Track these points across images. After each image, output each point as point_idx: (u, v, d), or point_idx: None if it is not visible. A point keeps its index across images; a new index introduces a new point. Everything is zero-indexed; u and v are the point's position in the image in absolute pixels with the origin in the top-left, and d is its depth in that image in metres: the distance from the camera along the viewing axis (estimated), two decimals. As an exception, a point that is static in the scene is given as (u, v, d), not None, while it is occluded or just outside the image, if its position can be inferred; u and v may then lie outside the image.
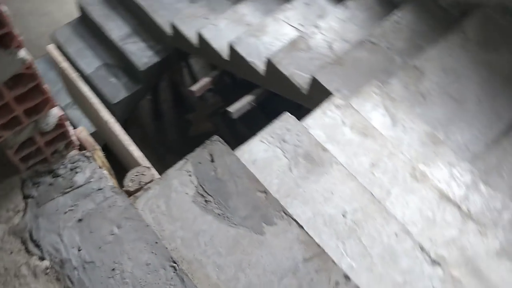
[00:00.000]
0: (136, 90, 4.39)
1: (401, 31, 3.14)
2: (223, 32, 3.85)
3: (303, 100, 3.10)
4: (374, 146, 2.10)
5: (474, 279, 1.77)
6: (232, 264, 1.41)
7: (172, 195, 1.49)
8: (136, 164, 1.59)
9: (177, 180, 1.52)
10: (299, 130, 1.87)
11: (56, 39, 4.58)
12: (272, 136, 1.85)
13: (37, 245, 1.17)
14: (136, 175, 1.39)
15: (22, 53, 0.95)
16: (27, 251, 1.16)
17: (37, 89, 1.06)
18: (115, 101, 4.21)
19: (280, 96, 3.37)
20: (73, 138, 1.29)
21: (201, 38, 3.89)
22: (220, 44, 3.80)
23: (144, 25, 4.52)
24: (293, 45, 3.30)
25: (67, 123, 1.24)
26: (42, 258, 1.16)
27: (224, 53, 3.76)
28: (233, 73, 4.03)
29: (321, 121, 2.12)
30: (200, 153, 1.56)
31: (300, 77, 3.21)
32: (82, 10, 4.64)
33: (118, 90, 4.37)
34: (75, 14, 4.77)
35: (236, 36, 3.59)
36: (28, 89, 1.03)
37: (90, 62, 4.51)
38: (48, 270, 1.15)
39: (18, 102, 1.04)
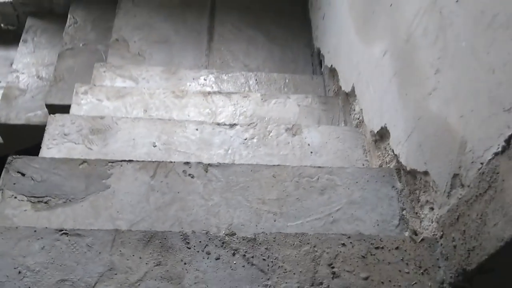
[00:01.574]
0: None
1: (84, 27, 3.42)
2: None
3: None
4: (136, 98, 2.38)
5: (256, 118, 2.27)
6: (106, 221, 1.55)
7: (15, 220, 1.52)
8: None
9: (8, 208, 1.54)
10: (72, 119, 2.02)
11: None
12: (54, 138, 1.96)
13: None
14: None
15: None
16: None
17: None
18: None
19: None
20: None
21: None
22: None
23: None
24: (6, 98, 3.27)
25: None
26: None
27: None
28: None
29: (81, 111, 2.29)
30: (8, 177, 1.60)
31: (36, 116, 3.24)
32: None
33: None
34: None
35: None
36: None
37: None
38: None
39: None
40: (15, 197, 1.58)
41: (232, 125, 2.12)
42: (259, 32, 3.32)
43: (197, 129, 2.08)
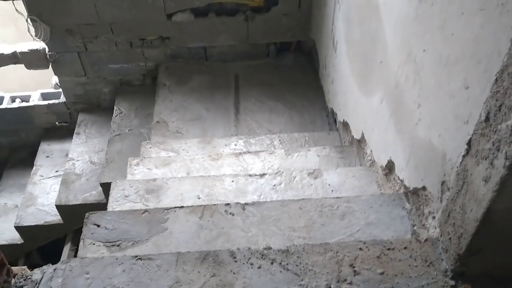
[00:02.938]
0: None
1: (128, 116, 3.97)
2: (1, 229, 4.00)
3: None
4: (180, 164, 2.80)
5: (283, 169, 2.64)
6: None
7: (95, 263, 1.89)
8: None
9: (89, 253, 1.92)
10: (130, 183, 2.45)
11: None
12: (117, 200, 2.38)
13: (48, 325, 1.47)
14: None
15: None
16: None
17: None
18: None
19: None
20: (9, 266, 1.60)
21: (-14, 248, 3.94)
22: (6, 237, 3.95)
23: None
24: (65, 183, 3.76)
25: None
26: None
27: (17, 239, 3.92)
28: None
29: (135, 178, 2.72)
30: (88, 229, 2.00)
31: (92, 196, 3.70)
32: None
33: None
34: None
35: (17, 217, 3.82)
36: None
37: None
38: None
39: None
40: (94, 244, 1.97)
41: (262, 175, 2.50)
42: (278, 102, 3.80)
43: (232, 181, 2.47)
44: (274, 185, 2.46)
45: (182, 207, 2.09)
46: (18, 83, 4.86)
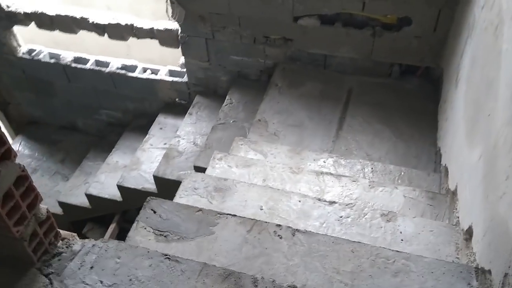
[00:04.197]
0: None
1: (236, 107, 4.07)
2: (107, 183, 4.41)
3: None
4: (259, 169, 2.80)
5: (360, 202, 2.48)
6: (204, 260, 1.91)
7: (141, 246, 1.97)
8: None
9: (138, 236, 2.02)
10: (203, 177, 2.51)
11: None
12: (186, 190, 2.45)
13: (71, 296, 1.59)
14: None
15: (17, 161, 1.47)
16: (65, 302, 1.56)
17: (31, 187, 1.55)
18: None
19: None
20: (58, 230, 1.76)
21: (91, 197, 4.38)
22: (110, 192, 4.33)
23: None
24: (167, 157, 4.00)
25: (51, 215, 1.71)
26: (78, 301, 1.58)
27: (117, 196, 4.28)
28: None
29: (213, 173, 2.78)
30: (144, 212, 2.09)
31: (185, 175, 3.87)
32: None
33: None
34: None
35: (120, 177, 4.17)
36: (26, 187, 1.52)
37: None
38: (86, 304, 1.56)
39: (23, 199, 1.52)
40: (145, 228, 2.06)
41: (331, 202, 2.38)
42: (386, 127, 3.57)
43: (299, 201, 2.39)
44: (341, 217, 2.32)
45: (234, 215, 2.09)
46: (159, 56, 5.22)
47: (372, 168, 3.04)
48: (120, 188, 4.15)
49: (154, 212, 2.10)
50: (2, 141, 1.40)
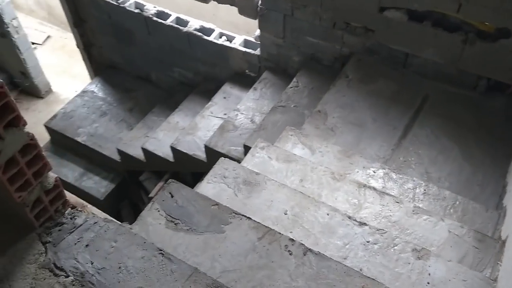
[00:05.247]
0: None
1: (301, 92, 3.88)
2: (163, 141, 4.47)
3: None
4: (298, 167, 2.64)
5: (395, 230, 2.25)
6: (207, 259, 1.84)
7: (150, 228, 1.94)
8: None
9: (150, 217, 1.98)
10: (235, 166, 2.41)
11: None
12: (215, 176, 2.37)
13: (61, 269, 1.60)
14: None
15: (26, 129, 1.46)
16: (55, 274, 1.57)
17: (39, 156, 1.55)
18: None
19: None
20: (68, 199, 1.76)
21: (146, 152, 4.47)
22: (164, 151, 4.39)
23: (94, 162, 5.05)
24: (222, 129, 3.95)
25: (61, 184, 1.71)
26: (66, 276, 1.58)
27: (170, 157, 4.34)
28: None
29: (252, 161, 2.67)
30: (162, 194, 2.05)
31: (235, 151, 3.81)
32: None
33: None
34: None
35: (175, 139, 4.20)
36: (33, 156, 1.52)
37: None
38: (73, 282, 1.56)
39: (28, 167, 1.52)
40: (158, 211, 2.01)
41: (361, 224, 2.19)
42: (456, 145, 3.23)
43: (328, 214, 2.22)
44: (368, 242, 2.13)
45: (249, 218, 1.98)
46: (244, 22, 5.09)
47: (424, 190, 2.77)
48: (173, 150, 4.18)
49: (172, 196, 2.05)
50: (10, 108, 1.38)
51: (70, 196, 1.82)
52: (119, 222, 1.78)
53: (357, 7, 3.51)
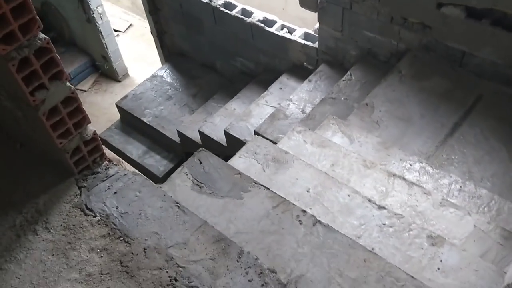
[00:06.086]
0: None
1: (353, 85, 3.92)
2: (219, 126, 4.68)
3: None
4: (332, 152, 2.72)
5: (416, 218, 2.27)
6: (223, 220, 1.99)
7: (177, 189, 2.12)
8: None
9: (178, 179, 2.16)
10: (266, 145, 2.54)
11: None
12: (247, 152, 2.52)
13: (91, 210, 1.83)
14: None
15: (68, 83, 1.69)
16: (85, 214, 1.81)
17: (79, 109, 1.79)
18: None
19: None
20: (105, 152, 1.99)
21: (202, 135, 4.71)
22: (218, 135, 4.60)
23: (156, 141, 5.39)
24: (273, 117, 4.07)
25: (98, 138, 1.95)
26: (94, 216, 1.81)
27: (223, 141, 4.54)
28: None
29: (287, 144, 2.78)
30: (192, 160, 2.23)
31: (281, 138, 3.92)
32: (104, 142, 5.55)
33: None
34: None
35: (229, 124, 4.39)
36: (73, 108, 1.75)
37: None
38: (99, 221, 1.78)
39: (69, 118, 1.76)
40: (187, 174, 2.19)
41: (380, 207, 2.23)
42: (504, 147, 3.13)
43: (348, 195, 2.29)
44: (384, 224, 2.17)
45: (267, 188, 2.10)
46: (313, 16, 5.18)
47: (460, 187, 2.73)
48: (226, 134, 4.38)
49: (200, 162, 2.22)
50: (55, 63, 1.61)
51: (108, 152, 2.05)
52: (145, 177, 1.98)
53: (415, 2, 3.49)
